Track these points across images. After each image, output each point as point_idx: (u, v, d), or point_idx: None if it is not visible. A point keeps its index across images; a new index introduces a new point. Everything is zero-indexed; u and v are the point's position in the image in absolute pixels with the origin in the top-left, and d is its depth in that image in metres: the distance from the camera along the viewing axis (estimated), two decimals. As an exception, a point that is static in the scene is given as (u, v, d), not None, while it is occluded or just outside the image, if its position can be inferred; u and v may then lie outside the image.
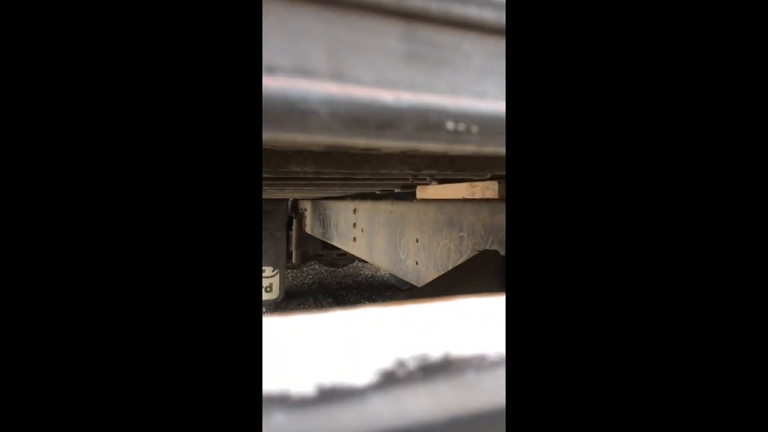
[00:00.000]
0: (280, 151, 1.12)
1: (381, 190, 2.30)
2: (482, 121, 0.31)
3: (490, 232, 1.62)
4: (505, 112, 0.31)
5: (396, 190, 2.20)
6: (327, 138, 0.27)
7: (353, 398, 0.24)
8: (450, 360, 0.27)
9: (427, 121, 0.29)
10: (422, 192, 2.05)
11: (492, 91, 0.31)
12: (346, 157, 1.20)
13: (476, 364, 0.27)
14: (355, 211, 2.35)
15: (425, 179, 1.72)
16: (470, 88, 0.30)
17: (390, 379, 0.25)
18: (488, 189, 1.68)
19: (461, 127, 0.30)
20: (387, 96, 0.28)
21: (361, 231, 2.28)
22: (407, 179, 1.71)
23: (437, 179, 1.79)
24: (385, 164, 1.26)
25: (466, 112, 0.30)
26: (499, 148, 0.32)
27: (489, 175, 1.64)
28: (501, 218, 1.63)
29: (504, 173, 1.45)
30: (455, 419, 0.25)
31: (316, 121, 0.26)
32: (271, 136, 0.25)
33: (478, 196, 1.76)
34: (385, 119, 0.28)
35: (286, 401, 0.22)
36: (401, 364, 0.25)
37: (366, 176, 1.58)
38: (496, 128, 0.31)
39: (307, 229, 2.92)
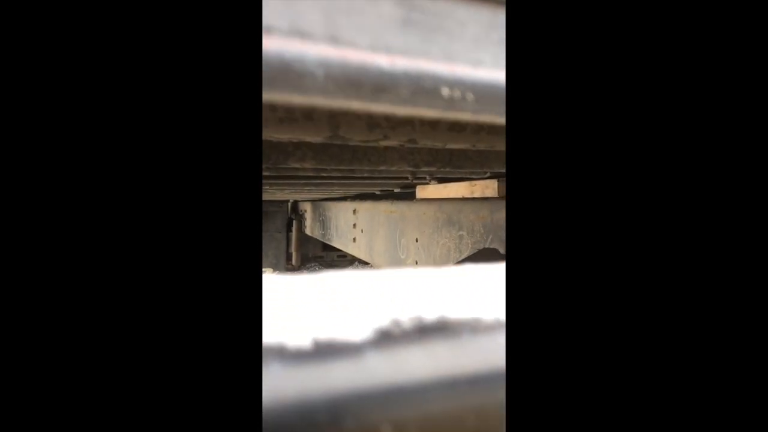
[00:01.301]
0: (280, 147, 1.12)
1: (381, 190, 2.30)
2: (478, 89, 0.31)
3: (489, 230, 1.62)
4: (501, 81, 0.32)
5: (396, 190, 2.20)
6: (322, 100, 0.27)
7: (349, 353, 0.24)
8: (445, 322, 0.27)
9: (422, 87, 0.29)
10: (422, 192, 2.05)
11: (487, 59, 0.31)
12: (345, 152, 1.20)
13: (472, 326, 0.27)
14: (354, 211, 2.35)
15: (425, 177, 1.72)
16: (465, 55, 0.31)
17: (386, 337, 0.25)
18: (488, 188, 1.68)
19: (456, 93, 0.30)
20: (382, 60, 0.28)
21: (360, 231, 2.28)
22: (407, 177, 1.71)
23: (436, 177, 1.79)
24: (385, 160, 1.26)
25: (462, 79, 0.30)
26: (495, 117, 0.32)
27: (488, 174, 1.65)
28: (500, 216, 1.63)
29: (503, 171, 1.45)
30: (451, 379, 0.25)
31: (312, 82, 0.26)
32: (267, 96, 0.26)
33: (477, 195, 1.76)
34: (381, 83, 0.28)
35: (283, 353, 0.22)
36: (397, 323, 0.25)
37: (365, 174, 1.58)
38: (491, 96, 0.31)
39: (307, 231, 2.92)
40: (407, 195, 2.18)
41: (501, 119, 0.33)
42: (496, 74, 0.31)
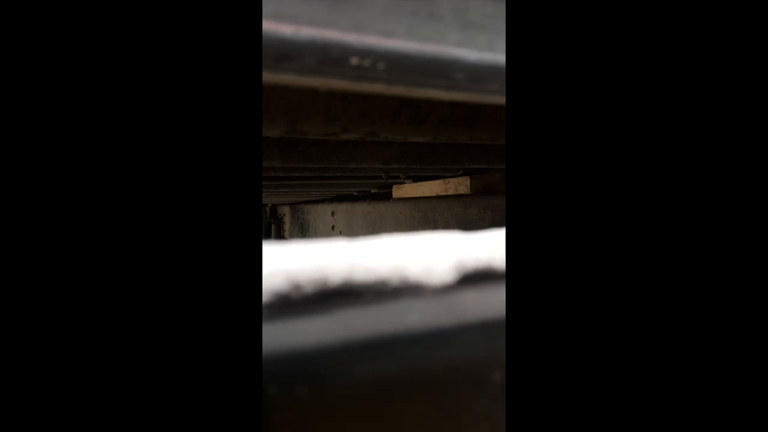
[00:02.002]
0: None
1: (358, 191, 2.30)
2: (389, 59, 0.31)
3: (463, 226, 1.62)
4: (413, 52, 0.32)
5: (372, 191, 2.20)
6: (224, 69, 0.27)
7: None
8: (350, 285, 0.27)
9: (330, 55, 0.29)
10: (398, 191, 2.05)
11: (399, 30, 0.31)
12: (313, 150, 1.20)
13: (377, 290, 0.27)
14: (333, 213, 2.35)
15: (398, 176, 1.72)
16: (376, 26, 0.31)
17: (285, 302, 0.25)
18: (461, 185, 1.70)
19: (367, 62, 0.30)
20: (286, 29, 0.28)
21: (339, 233, 2.27)
22: (381, 176, 1.71)
23: (411, 176, 1.80)
24: (354, 157, 1.26)
25: (372, 49, 0.30)
26: (410, 89, 0.32)
27: (461, 171, 1.66)
28: (473, 212, 1.64)
29: (474, 167, 1.46)
30: (352, 343, 0.25)
31: (210, 50, 0.26)
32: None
33: (451, 192, 1.77)
34: (284, 52, 0.28)
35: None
36: (297, 287, 0.25)
37: (338, 173, 1.58)
38: (404, 67, 0.31)
39: (286, 235, 2.91)
40: (384, 195, 2.19)
41: (416, 91, 0.33)
42: (409, 45, 0.31)
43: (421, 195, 1.89)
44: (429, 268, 0.28)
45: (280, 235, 3.03)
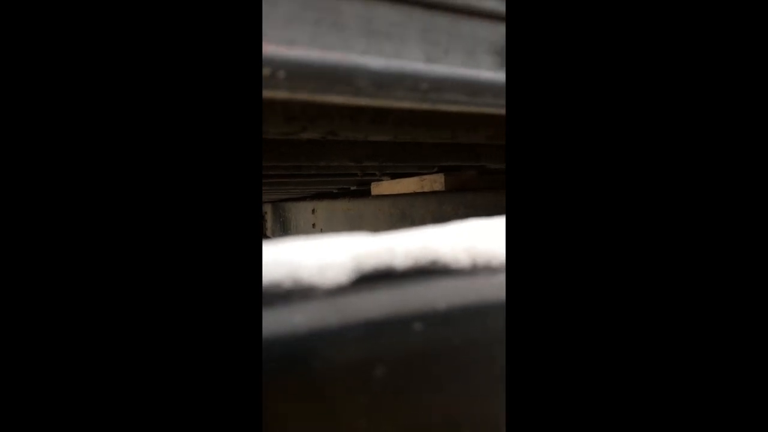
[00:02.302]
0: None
1: (338, 189, 2.30)
2: (290, 67, 0.32)
3: (438, 221, 1.63)
4: (316, 60, 0.33)
5: (352, 188, 2.21)
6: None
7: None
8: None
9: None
10: (376, 188, 2.07)
11: (301, 38, 0.32)
12: (283, 148, 1.21)
13: (270, 292, 0.28)
14: (313, 211, 2.35)
15: (374, 174, 1.73)
16: (277, 34, 0.32)
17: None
18: (435, 182, 1.71)
19: (266, 71, 0.31)
20: (182, 39, 0.29)
21: (320, 231, 2.28)
22: (356, 174, 1.72)
23: (387, 173, 1.81)
24: (323, 155, 1.27)
25: (272, 58, 0.31)
26: (314, 95, 0.33)
27: (436, 168, 1.67)
28: (448, 209, 1.66)
29: (449, 165, 1.47)
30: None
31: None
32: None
33: (427, 189, 1.79)
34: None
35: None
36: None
37: (312, 171, 1.58)
38: (306, 75, 0.32)
39: (268, 233, 2.92)
40: (364, 192, 2.20)
41: (320, 98, 0.34)
42: (311, 53, 0.32)
43: (399, 192, 1.90)
44: (323, 270, 0.29)
45: (262, 233, 3.03)
